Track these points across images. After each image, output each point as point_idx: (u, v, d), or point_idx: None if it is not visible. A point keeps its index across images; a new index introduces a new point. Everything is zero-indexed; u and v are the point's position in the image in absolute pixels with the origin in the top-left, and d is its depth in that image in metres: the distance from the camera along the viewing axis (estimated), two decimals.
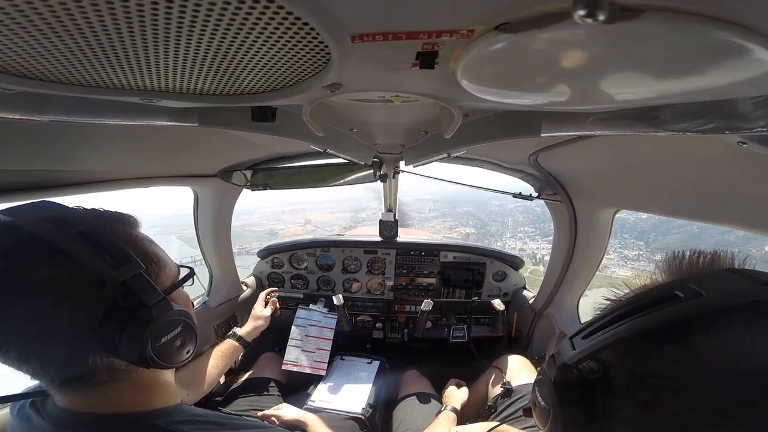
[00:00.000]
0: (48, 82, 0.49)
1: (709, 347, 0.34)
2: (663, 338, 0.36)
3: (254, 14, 0.33)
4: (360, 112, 0.96)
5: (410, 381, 1.84)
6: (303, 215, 49.93)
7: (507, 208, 44.25)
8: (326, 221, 46.49)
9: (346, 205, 52.58)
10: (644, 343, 0.37)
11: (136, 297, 0.54)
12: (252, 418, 1.41)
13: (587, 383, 0.40)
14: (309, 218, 48.12)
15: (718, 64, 0.37)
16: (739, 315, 0.34)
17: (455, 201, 53.47)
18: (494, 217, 45.03)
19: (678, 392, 0.34)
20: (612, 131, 0.67)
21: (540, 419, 0.48)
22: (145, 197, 13.87)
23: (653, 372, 0.36)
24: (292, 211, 51.19)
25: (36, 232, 0.50)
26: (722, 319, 0.34)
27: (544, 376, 0.46)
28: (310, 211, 52.97)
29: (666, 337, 0.35)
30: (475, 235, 39.93)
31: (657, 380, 0.36)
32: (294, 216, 48.50)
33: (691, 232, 27.52)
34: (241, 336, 1.55)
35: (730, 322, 0.34)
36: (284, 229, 37.86)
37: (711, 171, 0.90)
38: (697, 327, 0.34)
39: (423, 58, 0.44)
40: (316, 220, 47.31)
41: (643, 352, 0.37)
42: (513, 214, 42.86)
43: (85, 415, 0.56)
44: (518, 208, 41.42)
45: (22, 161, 0.90)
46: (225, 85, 0.56)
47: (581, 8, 0.26)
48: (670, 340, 0.35)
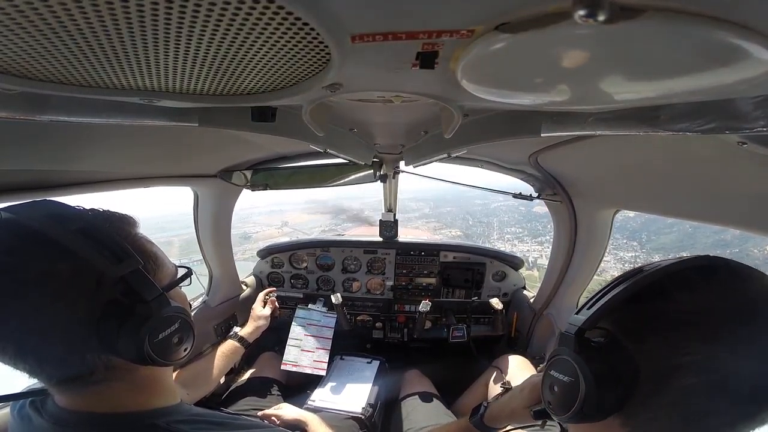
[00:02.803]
0: (48, 83, 0.49)
1: (676, 296, 0.47)
2: (638, 297, 0.49)
3: (254, 14, 0.33)
4: (360, 112, 0.96)
5: (412, 380, 1.84)
6: (280, 217, 47.87)
7: (490, 207, 43.19)
8: (304, 223, 45.01)
9: (326, 205, 50.93)
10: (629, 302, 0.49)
11: (134, 293, 0.54)
12: (252, 418, 1.41)
13: (602, 342, 0.50)
14: (286, 220, 46.32)
15: (718, 64, 0.37)
16: (694, 271, 0.48)
17: (436, 201, 52.08)
18: (479, 217, 43.69)
19: (665, 337, 0.46)
20: (612, 131, 0.67)
21: (562, 402, 0.51)
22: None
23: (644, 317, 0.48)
24: (269, 213, 49.22)
25: (36, 228, 0.50)
26: (682, 276, 0.48)
27: (558, 355, 0.53)
28: (288, 213, 51.07)
29: (640, 296, 0.48)
30: (461, 237, 37.86)
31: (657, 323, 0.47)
32: (270, 218, 46.65)
33: (685, 231, 27.47)
34: (242, 337, 1.55)
35: (688, 277, 0.48)
36: (258, 232, 36.15)
37: (711, 171, 0.90)
38: (671, 285, 0.48)
39: (423, 58, 0.44)
40: (294, 222, 45.49)
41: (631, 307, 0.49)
42: (497, 214, 41.57)
43: (85, 414, 0.56)
44: (502, 207, 40.36)
45: (23, 161, 0.90)
46: (225, 85, 0.55)
47: (581, 8, 0.26)
48: (645, 298, 0.48)
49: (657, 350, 0.45)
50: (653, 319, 0.47)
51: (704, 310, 0.45)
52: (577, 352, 0.50)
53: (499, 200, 6.15)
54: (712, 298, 0.46)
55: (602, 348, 0.49)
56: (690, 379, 0.43)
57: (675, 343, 0.44)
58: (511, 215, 39.65)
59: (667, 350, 0.45)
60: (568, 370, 0.50)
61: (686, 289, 0.47)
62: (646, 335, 0.47)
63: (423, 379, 1.88)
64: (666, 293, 0.47)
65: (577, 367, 0.49)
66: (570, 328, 0.52)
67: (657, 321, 0.47)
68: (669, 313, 0.46)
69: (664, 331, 0.46)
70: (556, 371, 0.53)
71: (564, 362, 0.51)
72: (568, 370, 0.50)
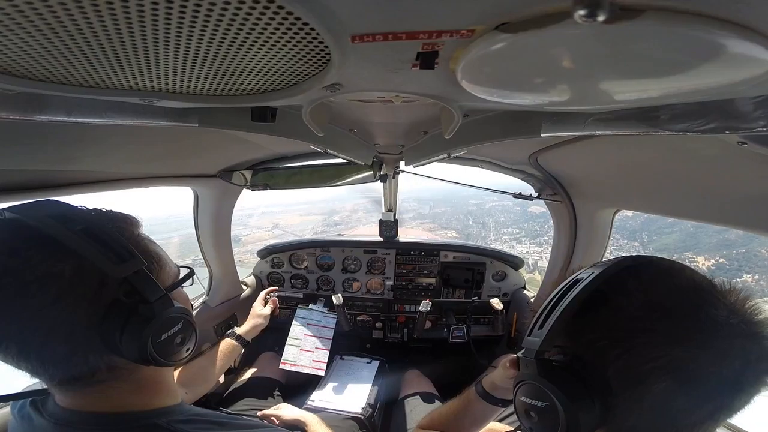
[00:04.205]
0: (48, 83, 0.49)
1: (619, 298, 0.49)
2: (584, 310, 0.50)
3: (254, 14, 0.33)
4: (360, 112, 0.96)
5: (412, 381, 1.84)
6: (271, 219, 47.05)
7: (485, 207, 42.69)
8: (296, 224, 44.17)
9: (318, 207, 50.09)
10: (575, 315, 0.50)
11: (137, 293, 0.54)
12: (252, 418, 1.41)
13: (567, 361, 0.50)
14: (277, 222, 45.51)
15: (718, 64, 0.37)
16: (626, 273, 0.51)
17: (429, 202, 51.22)
18: (475, 218, 43.02)
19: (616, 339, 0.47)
20: (612, 131, 0.67)
21: (544, 427, 0.50)
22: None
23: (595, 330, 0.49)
24: (261, 215, 48.22)
25: (39, 228, 0.50)
26: (617, 279, 0.50)
27: (524, 380, 0.52)
28: (280, 214, 49.87)
29: (585, 308, 0.50)
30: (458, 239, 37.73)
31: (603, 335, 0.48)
32: (261, 220, 45.80)
33: (687, 231, 27.34)
34: (240, 335, 1.55)
35: (623, 279, 0.50)
36: (249, 234, 35.06)
37: (711, 171, 0.90)
38: (608, 290, 0.50)
39: (423, 58, 0.44)
40: (285, 224, 44.68)
41: (576, 322, 0.50)
42: (493, 214, 40.92)
43: (86, 414, 0.56)
44: (497, 207, 39.72)
45: (23, 161, 0.90)
46: (225, 85, 0.56)
47: (581, 8, 0.26)
48: (591, 308, 0.50)
49: (623, 361, 0.46)
50: (608, 331, 0.48)
51: (649, 312, 0.46)
52: (543, 375, 0.49)
53: (494, 200, 6.13)
54: (651, 298, 0.47)
55: (566, 367, 0.49)
56: (663, 382, 0.44)
57: (638, 352, 0.45)
58: (507, 215, 39.13)
59: (633, 359, 0.45)
60: (539, 395, 0.50)
61: (623, 293, 0.48)
62: (607, 349, 0.47)
63: (423, 379, 1.88)
64: (608, 300, 0.49)
65: (548, 391, 0.48)
66: (528, 352, 0.51)
67: (612, 332, 0.47)
68: (621, 321, 0.47)
69: (623, 340, 0.46)
70: (528, 397, 0.52)
71: (532, 387, 0.51)
72: (539, 394, 0.50)
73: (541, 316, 0.52)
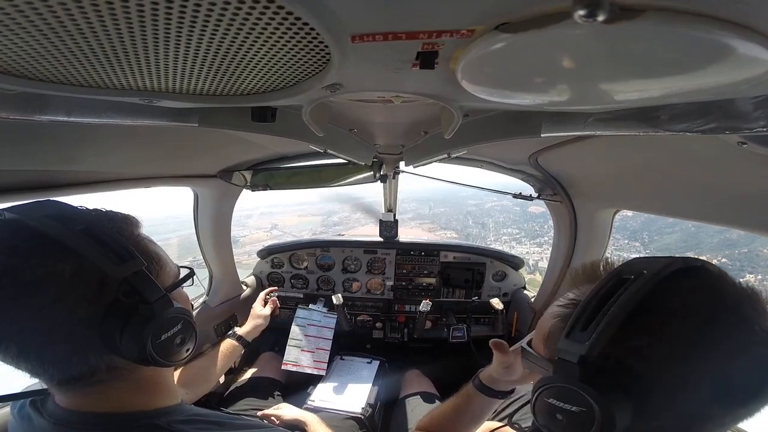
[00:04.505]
0: (48, 83, 0.49)
1: (674, 302, 0.46)
2: (639, 311, 0.46)
3: (254, 14, 0.33)
4: (360, 112, 0.96)
5: (412, 381, 1.84)
6: (270, 219, 46.19)
7: (484, 207, 42.28)
8: (294, 225, 43.65)
9: (316, 208, 49.18)
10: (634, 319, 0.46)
11: (137, 293, 0.54)
12: (252, 418, 1.41)
13: (608, 366, 0.47)
14: (275, 222, 44.83)
15: (718, 64, 0.37)
16: (677, 277, 0.47)
17: (428, 202, 50.99)
18: (475, 218, 42.62)
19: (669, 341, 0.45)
20: (612, 131, 0.67)
21: (575, 429, 0.47)
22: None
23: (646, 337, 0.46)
24: (260, 215, 47.24)
25: (39, 229, 0.50)
26: (668, 282, 0.46)
27: (554, 383, 0.49)
28: (278, 215, 49.29)
29: (640, 310, 0.46)
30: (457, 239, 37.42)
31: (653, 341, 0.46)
32: (260, 221, 44.85)
33: (688, 231, 27.25)
34: (240, 335, 1.55)
35: (674, 283, 0.47)
36: (247, 235, 34.62)
37: (711, 171, 0.90)
38: (659, 293, 0.46)
39: (423, 58, 0.44)
40: (284, 224, 43.95)
41: (634, 327, 0.46)
42: (492, 214, 40.48)
43: (86, 414, 0.56)
44: (496, 208, 39.33)
45: (23, 161, 0.90)
46: (225, 85, 0.55)
47: (581, 8, 0.26)
48: (641, 311, 0.46)
49: (669, 370, 0.45)
50: (658, 338, 0.46)
51: (705, 322, 0.45)
52: (585, 381, 0.46)
53: (493, 200, 6.10)
54: (706, 306, 0.46)
55: (611, 374, 0.46)
56: (705, 393, 0.43)
57: (688, 363, 0.44)
58: (506, 215, 38.80)
59: (680, 369, 0.44)
60: (575, 400, 0.46)
61: (676, 299, 0.46)
62: (654, 357, 0.45)
63: (423, 379, 1.88)
64: (658, 305, 0.46)
65: (589, 398, 0.45)
66: (567, 355, 0.48)
67: (662, 340, 0.45)
68: (671, 329, 0.45)
69: (673, 350, 0.45)
70: (558, 400, 0.48)
71: (569, 391, 0.47)
72: (575, 399, 0.46)
73: (580, 318, 0.48)
